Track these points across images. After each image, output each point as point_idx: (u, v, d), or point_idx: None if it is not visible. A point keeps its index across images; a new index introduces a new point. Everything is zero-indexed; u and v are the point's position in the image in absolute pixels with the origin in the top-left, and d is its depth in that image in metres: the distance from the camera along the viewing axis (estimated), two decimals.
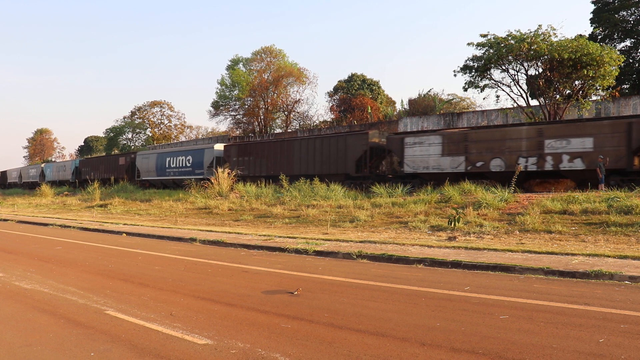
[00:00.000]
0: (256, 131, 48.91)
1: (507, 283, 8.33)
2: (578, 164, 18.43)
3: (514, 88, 25.32)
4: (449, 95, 44.16)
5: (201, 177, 31.88)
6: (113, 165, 42.32)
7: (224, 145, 32.10)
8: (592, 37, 30.15)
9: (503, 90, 25.64)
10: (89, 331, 5.97)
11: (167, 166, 35.56)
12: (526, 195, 17.08)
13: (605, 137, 18.11)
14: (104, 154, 66.02)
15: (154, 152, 38.67)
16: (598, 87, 23.19)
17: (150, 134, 66.29)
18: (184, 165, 34.02)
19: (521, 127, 20.23)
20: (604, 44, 24.41)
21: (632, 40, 32.01)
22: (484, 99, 59.00)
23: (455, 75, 28.19)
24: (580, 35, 23.95)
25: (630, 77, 31.56)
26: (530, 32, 23.28)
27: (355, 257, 11.36)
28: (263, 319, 6.35)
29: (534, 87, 24.08)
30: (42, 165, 56.12)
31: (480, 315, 6.32)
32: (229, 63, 53.66)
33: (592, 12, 32.86)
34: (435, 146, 21.75)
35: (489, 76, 25.23)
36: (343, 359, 4.87)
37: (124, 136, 69.06)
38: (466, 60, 25.77)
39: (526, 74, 24.11)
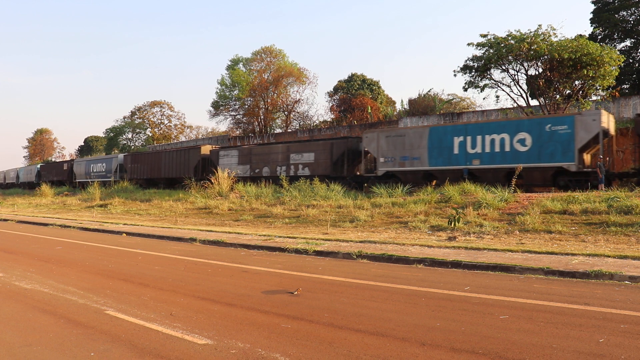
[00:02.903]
0: (256, 131, 48.89)
1: (507, 283, 8.33)
2: (306, 172, 26.29)
3: (514, 88, 25.34)
4: (449, 95, 44.21)
5: (109, 179, 41.88)
6: (60, 170, 51.78)
7: (124, 156, 41.88)
8: (592, 37, 30.16)
9: (503, 90, 25.65)
10: (89, 331, 5.97)
11: (91, 171, 45.27)
12: (526, 195, 17.10)
13: (320, 153, 25.89)
14: (104, 154, 66.24)
15: (84, 159, 49.30)
16: (598, 87, 23.18)
17: (150, 134, 66.25)
18: (100, 170, 44.18)
19: (278, 145, 29.01)
20: (604, 44, 24.40)
21: (632, 40, 32.01)
22: (484, 99, 58.97)
23: (455, 75, 28.25)
24: (580, 35, 23.93)
25: (630, 77, 31.57)
26: (530, 32, 23.27)
27: (355, 257, 11.36)
28: (263, 319, 6.34)
29: (534, 87, 24.07)
30: (18, 169, 64.30)
31: (480, 315, 6.32)
32: (229, 63, 53.67)
33: (592, 12, 32.88)
34: (235, 157, 30.39)
35: (489, 76, 25.23)
36: (343, 359, 4.87)
37: (124, 136, 68.99)
38: (466, 60, 25.79)
39: (526, 74, 24.11)
